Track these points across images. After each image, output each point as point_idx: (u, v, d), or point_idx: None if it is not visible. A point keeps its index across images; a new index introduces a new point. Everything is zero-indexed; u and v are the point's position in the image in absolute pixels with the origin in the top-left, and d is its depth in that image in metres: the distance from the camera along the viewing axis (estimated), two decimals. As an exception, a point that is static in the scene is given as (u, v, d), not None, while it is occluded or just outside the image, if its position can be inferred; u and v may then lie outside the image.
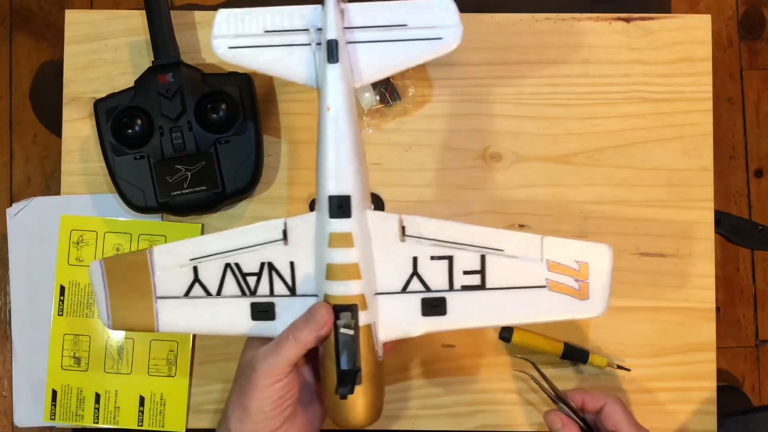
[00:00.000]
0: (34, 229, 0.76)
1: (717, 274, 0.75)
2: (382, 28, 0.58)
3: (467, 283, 0.57)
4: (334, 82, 0.56)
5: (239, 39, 0.58)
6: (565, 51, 0.77)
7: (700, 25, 0.77)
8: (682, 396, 0.74)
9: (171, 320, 0.59)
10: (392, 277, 0.58)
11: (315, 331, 0.56)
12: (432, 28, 0.58)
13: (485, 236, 0.57)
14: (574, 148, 0.76)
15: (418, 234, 0.57)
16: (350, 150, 0.56)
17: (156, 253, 0.59)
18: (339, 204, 0.55)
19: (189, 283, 0.59)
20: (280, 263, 0.58)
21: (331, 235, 0.56)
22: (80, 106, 0.76)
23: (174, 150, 0.71)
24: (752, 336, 0.78)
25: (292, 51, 0.58)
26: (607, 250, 0.57)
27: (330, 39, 0.56)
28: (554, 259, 0.57)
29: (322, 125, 0.56)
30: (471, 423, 0.74)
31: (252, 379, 0.56)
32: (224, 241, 0.58)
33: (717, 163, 0.76)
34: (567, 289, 0.57)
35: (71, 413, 0.74)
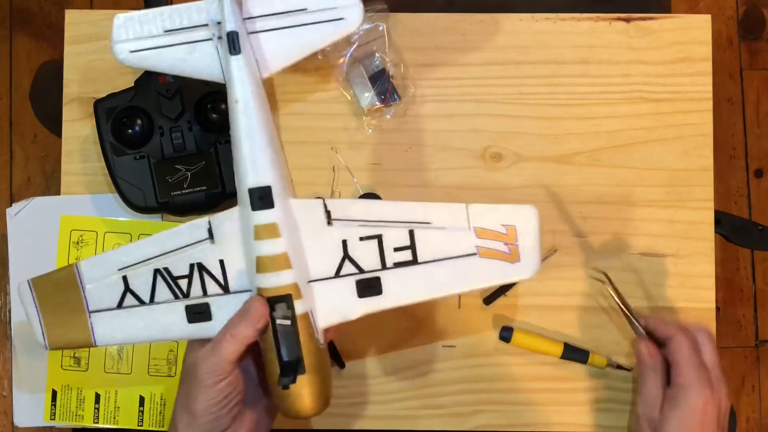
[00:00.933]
0: (34, 229, 0.76)
1: (717, 274, 0.75)
2: (282, 15, 0.58)
3: (399, 260, 0.57)
4: (239, 73, 0.56)
5: (140, 41, 0.58)
6: (565, 51, 0.77)
7: (700, 25, 0.77)
8: (682, 396, 0.74)
9: (107, 333, 0.59)
10: (324, 262, 0.57)
11: (252, 325, 0.55)
12: (332, 9, 0.58)
13: (411, 211, 0.57)
14: (574, 148, 0.76)
15: (345, 217, 0.57)
16: (264, 140, 0.56)
17: (83, 266, 0.58)
18: (260, 195, 0.55)
19: (120, 294, 0.58)
20: (209, 263, 0.58)
21: (256, 228, 0.55)
22: (80, 106, 0.76)
23: (174, 150, 0.71)
24: (752, 336, 0.78)
25: (195, 48, 0.58)
26: (532, 210, 0.58)
27: (230, 31, 0.56)
28: (481, 225, 0.57)
29: (233, 119, 0.56)
30: (471, 423, 0.74)
31: (194, 381, 0.56)
32: (150, 247, 0.58)
33: (717, 163, 0.76)
34: (497, 254, 0.57)
35: (71, 413, 0.74)
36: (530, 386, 0.74)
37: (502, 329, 0.73)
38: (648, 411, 0.63)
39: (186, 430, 0.56)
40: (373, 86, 0.75)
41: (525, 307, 0.75)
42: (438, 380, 0.75)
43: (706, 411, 0.60)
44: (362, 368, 0.74)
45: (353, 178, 0.75)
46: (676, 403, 0.61)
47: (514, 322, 0.74)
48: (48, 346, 0.59)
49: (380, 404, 0.74)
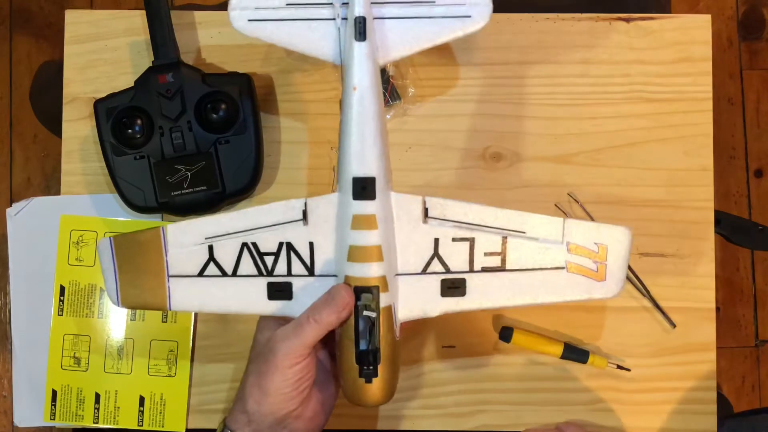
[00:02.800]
0: (34, 229, 0.76)
1: (717, 274, 0.75)
2: (409, 3, 0.56)
3: (487, 265, 0.57)
4: (361, 60, 0.54)
5: (259, 11, 0.56)
6: (565, 51, 0.77)
7: (700, 25, 0.77)
8: (682, 396, 0.74)
9: (184, 299, 0.58)
10: (413, 257, 0.57)
11: (336, 312, 0.55)
12: (460, 5, 0.57)
13: (507, 218, 0.57)
14: (574, 148, 0.76)
15: (441, 216, 0.56)
16: (375, 131, 0.54)
17: (170, 230, 0.57)
18: (363, 186, 0.54)
19: (203, 263, 0.57)
20: (299, 243, 0.57)
21: (354, 217, 0.55)
22: (80, 106, 0.76)
23: (174, 150, 0.71)
24: (752, 336, 0.78)
25: (315, 25, 0.56)
26: (627, 232, 0.58)
27: (358, 16, 0.54)
28: (575, 241, 0.57)
29: (347, 105, 0.55)
30: (471, 423, 0.74)
31: (271, 360, 0.56)
32: (242, 220, 0.57)
33: (717, 163, 0.76)
34: (585, 270, 0.57)
35: (71, 413, 0.74)
36: (530, 386, 0.74)
37: (502, 329, 0.73)
38: None
39: (255, 405, 0.57)
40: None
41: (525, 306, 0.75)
42: (438, 380, 0.75)
43: None
44: (362, 368, 0.74)
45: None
46: None
47: (514, 322, 0.74)
48: (120, 303, 0.58)
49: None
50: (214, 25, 0.77)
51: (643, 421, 0.74)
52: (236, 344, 0.75)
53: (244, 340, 0.74)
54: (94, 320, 0.75)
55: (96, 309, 0.75)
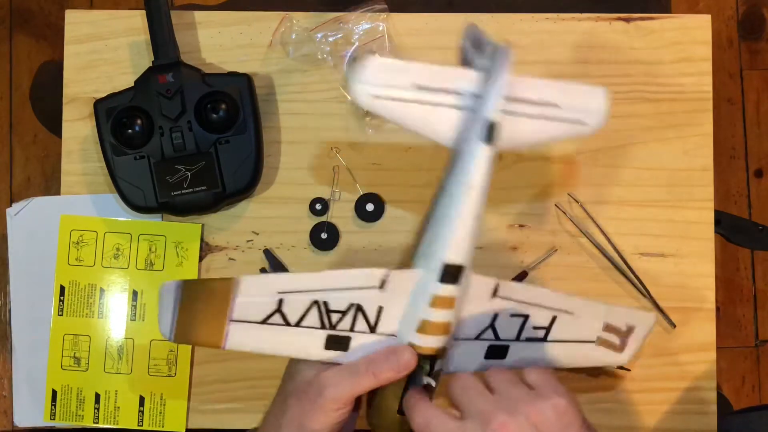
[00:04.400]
0: (34, 229, 0.76)
1: (717, 274, 0.75)
2: (535, 104, 0.55)
3: (531, 336, 0.60)
4: (484, 163, 0.53)
5: (386, 90, 0.53)
6: (565, 51, 0.77)
7: (700, 25, 0.77)
8: (682, 396, 0.74)
9: (240, 341, 0.57)
10: (471, 326, 0.58)
11: (395, 372, 0.55)
12: (579, 111, 0.56)
13: (563, 301, 0.59)
14: (574, 148, 0.76)
15: (508, 296, 0.58)
16: (475, 226, 0.54)
17: (243, 282, 0.56)
18: (453, 273, 0.54)
19: (269, 312, 0.56)
20: (368, 306, 0.56)
21: (435, 297, 0.54)
22: (80, 106, 0.76)
23: (174, 150, 0.71)
24: (752, 336, 0.78)
25: (439, 110, 0.54)
26: (654, 318, 0.63)
27: (491, 121, 0.52)
28: (611, 322, 0.61)
29: (453, 196, 0.53)
30: (471, 423, 0.74)
31: (318, 402, 0.55)
32: (319, 281, 0.56)
33: (717, 163, 0.76)
34: (610, 344, 0.62)
35: (71, 413, 0.74)
36: (530, 386, 0.74)
37: (502, 329, 0.73)
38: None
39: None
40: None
41: (525, 307, 0.75)
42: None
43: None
44: (362, 368, 0.74)
45: (353, 179, 0.75)
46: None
47: (514, 322, 0.74)
48: (173, 339, 0.57)
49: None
50: (214, 25, 0.77)
51: (644, 421, 0.74)
52: (236, 344, 0.75)
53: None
54: (94, 320, 0.75)
55: (96, 309, 0.75)
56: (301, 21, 0.76)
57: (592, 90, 0.56)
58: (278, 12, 0.77)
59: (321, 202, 0.75)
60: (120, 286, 0.75)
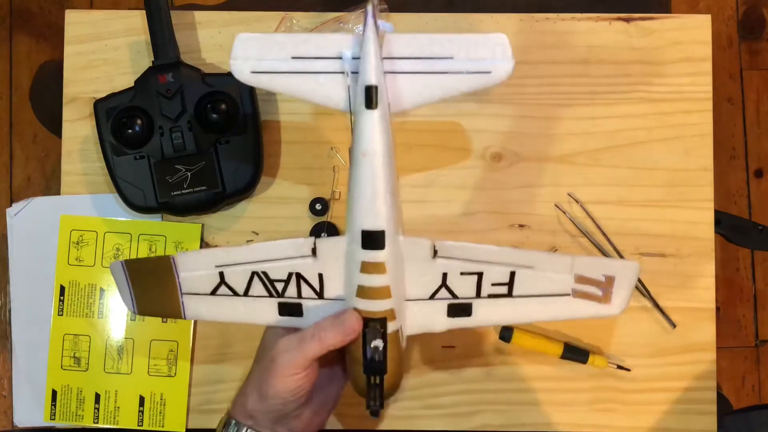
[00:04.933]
0: (34, 229, 0.76)
1: (717, 274, 0.75)
2: (425, 59, 0.54)
3: (494, 293, 0.57)
4: (372, 127, 0.52)
5: (262, 63, 0.54)
6: (565, 51, 0.77)
7: (700, 25, 0.77)
8: (682, 396, 0.74)
9: (197, 311, 0.59)
10: (421, 287, 0.57)
11: (342, 335, 0.56)
12: (480, 60, 0.54)
13: (517, 256, 0.57)
14: (574, 148, 0.76)
15: (450, 255, 0.56)
16: (386, 190, 0.53)
17: (179, 259, 0.57)
18: (372, 238, 0.53)
19: (215, 285, 0.58)
20: (308, 274, 0.57)
21: (363, 263, 0.54)
22: (80, 106, 0.76)
23: (174, 150, 0.71)
24: (752, 336, 0.77)
25: (323, 79, 0.55)
26: (635, 266, 0.58)
27: (368, 85, 0.51)
28: (583, 273, 0.57)
29: (356, 166, 0.53)
30: (471, 423, 0.74)
31: (272, 368, 0.57)
32: (251, 253, 0.57)
33: (717, 163, 0.76)
34: (590, 296, 0.58)
35: (71, 413, 0.74)
36: (530, 386, 0.74)
37: (502, 329, 0.73)
38: None
39: (254, 405, 0.59)
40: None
41: (525, 307, 0.75)
42: (438, 380, 0.75)
43: None
44: (362, 368, 0.74)
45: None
46: None
47: (514, 322, 0.74)
48: (137, 311, 0.59)
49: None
50: (214, 25, 0.77)
51: (644, 421, 0.74)
52: (236, 344, 0.75)
53: (244, 340, 0.74)
54: (94, 320, 0.75)
55: (96, 309, 0.75)
56: (301, 21, 0.76)
57: (490, 37, 0.54)
58: (278, 12, 0.77)
59: (321, 202, 0.75)
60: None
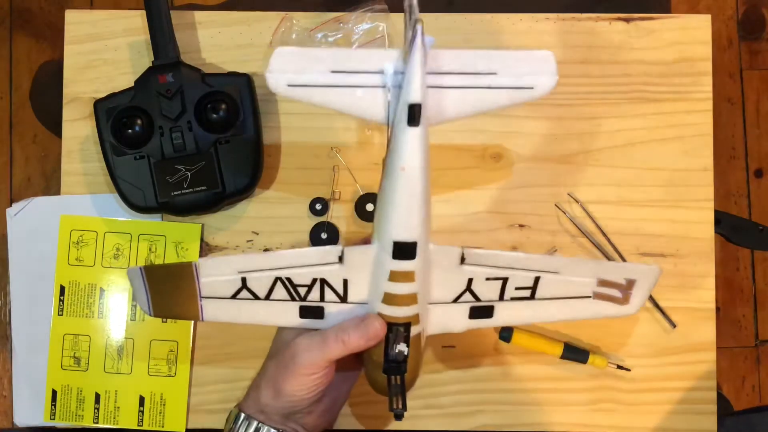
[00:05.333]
0: (34, 229, 0.76)
1: (717, 274, 0.75)
2: (470, 75, 0.53)
3: (517, 296, 0.58)
4: (412, 144, 0.50)
5: (300, 76, 0.52)
6: (565, 51, 0.77)
7: (700, 25, 0.77)
8: (682, 396, 0.74)
9: (216, 314, 0.58)
10: (446, 291, 0.58)
11: (364, 339, 0.56)
12: (523, 76, 0.53)
13: (544, 263, 0.57)
14: (574, 148, 0.76)
15: (477, 263, 0.56)
16: (421, 204, 0.52)
17: (201, 264, 0.57)
18: (404, 249, 0.53)
19: (236, 289, 0.57)
20: (333, 280, 0.57)
21: (392, 272, 0.54)
22: (80, 106, 0.76)
23: (174, 150, 0.71)
24: (752, 336, 0.77)
25: (362, 93, 0.53)
26: (657, 271, 0.58)
27: (413, 103, 0.49)
28: (605, 277, 0.58)
29: (394, 180, 0.51)
30: (471, 423, 0.74)
31: (291, 367, 0.57)
32: (276, 260, 0.57)
33: (717, 163, 0.76)
34: (611, 298, 0.59)
35: (71, 413, 0.74)
36: (530, 386, 0.74)
37: (502, 329, 0.73)
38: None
39: (268, 400, 0.59)
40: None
41: (525, 307, 0.75)
42: (438, 380, 0.75)
43: None
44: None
45: (353, 179, 0.75)
46: None
47: (514, 322, 0.74)
48: (152, 313, 0.59)
49: (381, 404, 0.74)
50: (214, 25, 0.77)
51: (644, 421, 0.74)
52: (236, 344, 0.75)
53: (244, 340, 0.74)
54: (94, 320, 0.75)
55: (96, 309, 0.75)
56: (301, 21, 0.76)
57: (536, 53, 0.53)
58: (278, 12, 0.77)
59: (321, 202, 0.75)
60: (120, 286, 0.75)
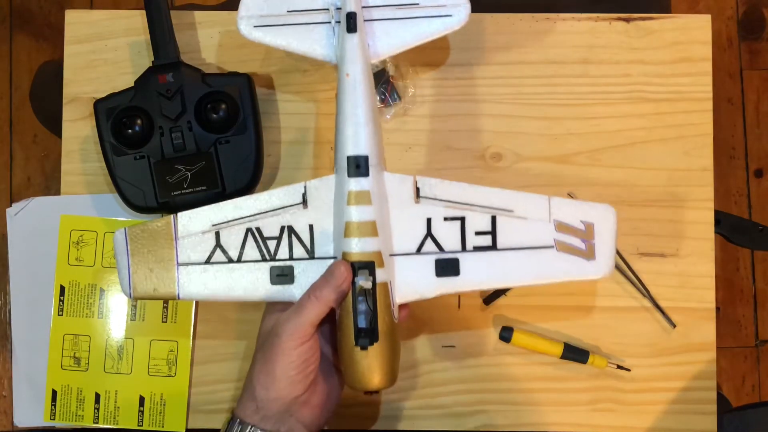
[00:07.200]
0: (34, 229, 0.76)
1: (717, 274, 0.75)
2: (395, 6, 0.64)
3: (479, 244, 0.60)
4: (352, 50, 0.61)
5: (264, 18, 0.64)
6: (565, 51, 0.77)
7: (700, 25, 0.77)
8: (682, 396, 0.74)
9: (192, 287, 0.61)
10: (407, 238, 0.60)
11: (335, 288, 0.57)
12: (441, 6, 0.64)
13: (496, 197, 0.60)
14: (574, 148, 0.76)
15: (432, 195, 0.60)
16: (367, 114, 0.60)
17: (180, 218, 0.61)
18: (357, 164, 0.59)
19: (210, 249, 0.61)
20: (299, 226, 0.61)
21: (349, 194, 0.59)
22: (80, 106, 0.76)
23: (174, 150, 0.71)
24: (752, 336, 0.77)
25: (313, 29, 0.64)
26: (611, 210, 0.61)
27: (349, 11, 0.61)
28: (561, 219, 0.60)
29: (341, 91, 0.60)
30: (471, 423, 0.74)
31: (276, 344, 0.57)
32: (246, 206, 0.61)
33: (717, 163, 0.76)
34: (574, 249, 0.60)
35: (71, 413, 0.74)
36: (530, 386, 0.74)
37: (502, 329, 0.73)
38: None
39: (263, 392, 0.58)
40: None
41: (525, 307, 0.75)
42: (438, 380, 0.75)
43: None
44: (362, 368, 0.74)
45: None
46: None
47: (514, 322, 0.74)
48: (132, 294, 0.62)
49: (380, 404, 0.74)
50: (214, 25, 0.77)
51: (644, 421, 0.74)
52: (236, 344, 0.75)
53: (244, 340, 0.74)
54: (94, 320, 0.75)
55: (96, 309, 0.75)
56: (301, 21, 0.76)
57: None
58: (278, 12, 0.77)
59: (321, 202, 0.75)
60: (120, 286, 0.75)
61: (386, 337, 0.58)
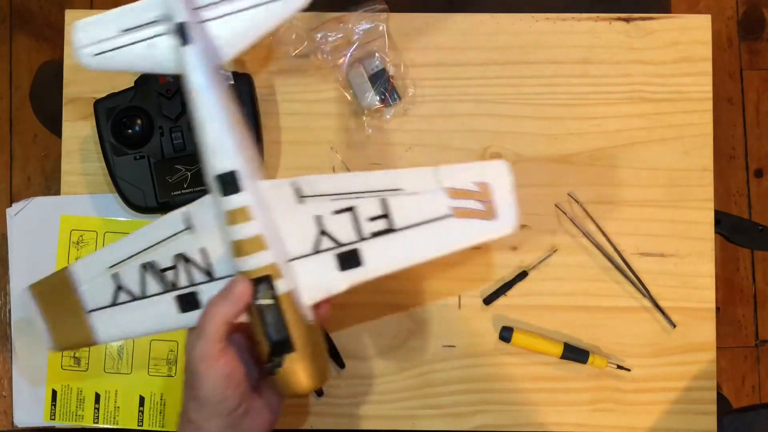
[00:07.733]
0: (34, 229, 0.76)
1: (717, 274, 0.75)
2: (225, 2, 0.58)
3: (376, 229, 0.57)
4: (192, 63, 0.56)
5: (101, 44, 0.58)
6: (565, 51, 0.77)
7: (700, 25, 0.77)
8: (682, 396, 0.74)
9: (108, 330, 0.60)
10: (301, 240, 0.58)
11: (233, 304, 0.55)
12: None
13: (380, 179, 0.57)
14: (574, 148, 0.76)
15: (315, 192, 0.57)
16: (223, 126, 0.56)
17: (75, 268, 0.60)
18: (226, 181, 0.56)
19: (113, 291, 0.59)
20: (191, 253, 0.59)
21: (227, 213, 0.56)
22: (80, 106, 0.76)
23: (174, 150, 0.71)
24: (752, 336, 0.78)
25: (154, 43, 0.58)
26: (503, 164, 0.57)
27: (178, 22, 0.56)
28: (452, 185, 0.57)
29: (192, 108, 0.56)
30: (471, 423, 0.74)
31: (191, 370, 0.56)
32: (135, 244, 0.59)
33: (717, 163, 0.76)
34: (473, 212, 0.57)
35: (71, 413, 0.74)
36: (530, 386, 0.74)
37: (502, 329, 0.73)
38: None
39: (197, 414, 0.57)
40: (373, 86, 0.75)
41: (525, 307, 0.75)
42: (438, 380, 0.75)
43: None
44: (362, 368, 0.74)
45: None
46: None
47: (514, 322, 0.74)
48: (56, 347, 0.61)
49: (380, 404, 0.74)
50: (214, 25, 0.77)
51: (644, 421, 0.74)
52: (236, 344, 0.75)
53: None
54: (94, 320, 0.75)
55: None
56: (301, 21, 0.76)
57: None
58: (278, 12, 0.76)
59: (321, 202, 0.75)
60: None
61: (303, 343, 0.56)
